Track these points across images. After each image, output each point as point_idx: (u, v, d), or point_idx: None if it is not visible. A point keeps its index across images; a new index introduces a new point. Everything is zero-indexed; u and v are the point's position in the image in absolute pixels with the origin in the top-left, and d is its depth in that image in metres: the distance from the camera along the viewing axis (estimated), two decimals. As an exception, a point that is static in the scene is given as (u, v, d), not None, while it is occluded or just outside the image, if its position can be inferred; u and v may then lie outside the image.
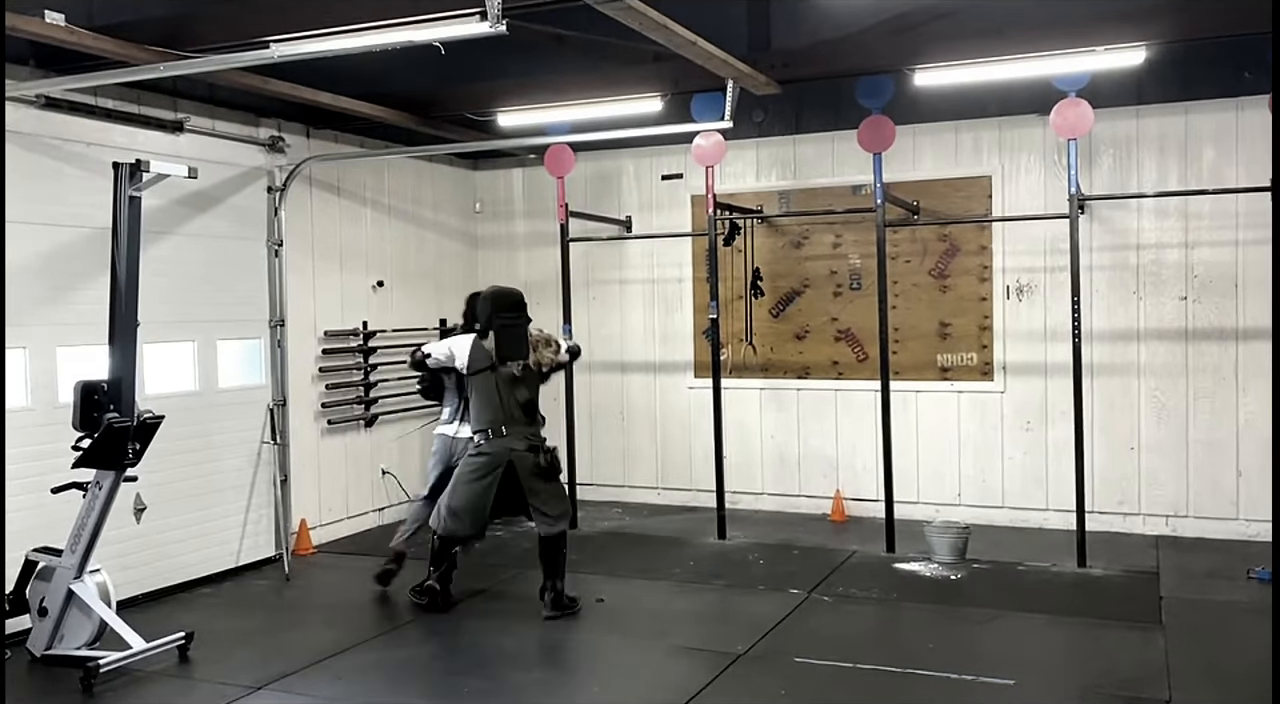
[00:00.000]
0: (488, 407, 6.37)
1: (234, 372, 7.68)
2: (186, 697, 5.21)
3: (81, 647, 5.62)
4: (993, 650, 5.68)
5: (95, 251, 6.13)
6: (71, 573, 5.61)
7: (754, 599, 6.68)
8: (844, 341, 9.02)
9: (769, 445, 9.29)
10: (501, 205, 10.31)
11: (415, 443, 9.43)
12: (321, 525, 8.37)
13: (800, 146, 9.06)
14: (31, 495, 5.91)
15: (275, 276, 7.94)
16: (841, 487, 8.98)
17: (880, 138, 7.53)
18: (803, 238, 9.13)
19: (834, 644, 5.75)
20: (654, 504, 9.58)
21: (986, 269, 8.53)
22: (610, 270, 9.79)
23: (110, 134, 6.70)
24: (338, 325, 8.62)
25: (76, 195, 6.40)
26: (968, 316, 8.62)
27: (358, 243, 8.89)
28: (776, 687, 5.22)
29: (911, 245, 8.73)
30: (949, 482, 8.68)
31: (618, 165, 9.72)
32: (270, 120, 7.98)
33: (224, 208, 7.56)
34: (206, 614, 6.55)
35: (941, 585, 6.91)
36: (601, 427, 9.78)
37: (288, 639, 6.23)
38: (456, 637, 6.13)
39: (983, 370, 8.58)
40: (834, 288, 9.04)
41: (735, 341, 9.27)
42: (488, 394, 6.37)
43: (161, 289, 6.81)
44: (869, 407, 8.58)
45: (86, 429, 5.49)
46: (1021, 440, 8.45)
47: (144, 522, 6.82)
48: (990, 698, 5.00)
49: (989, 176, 8.47)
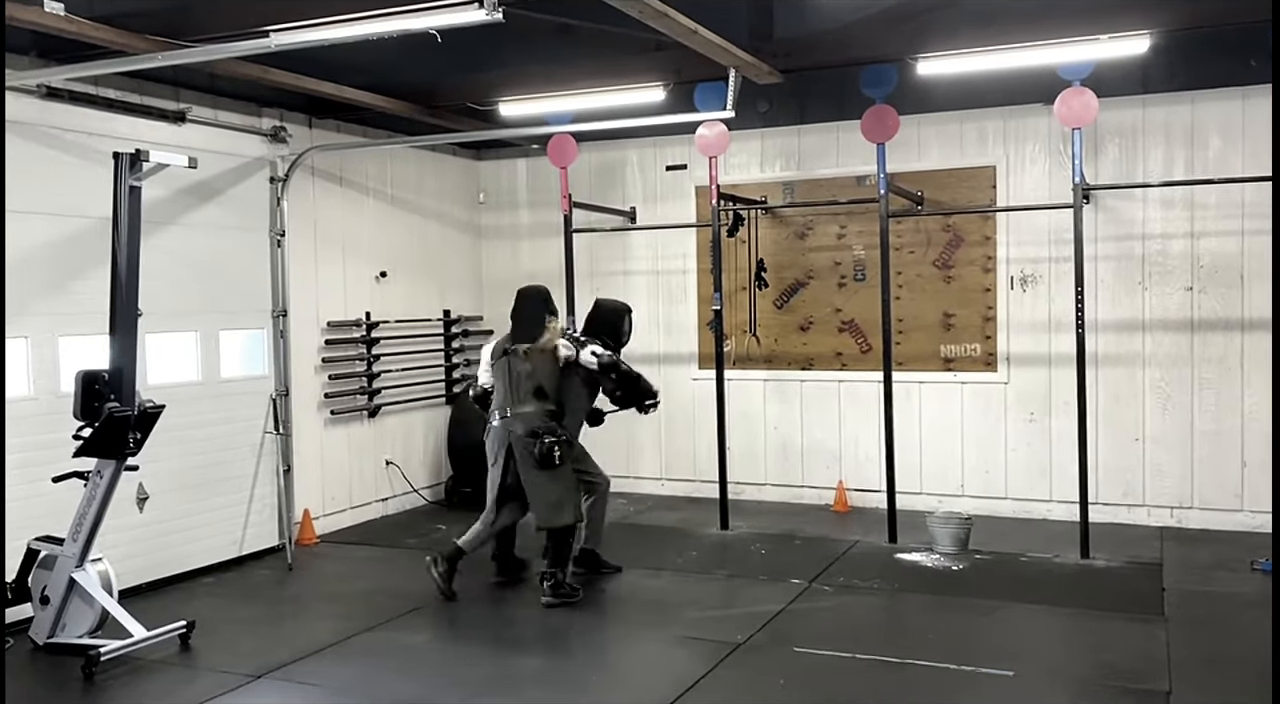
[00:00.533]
0: (499, 390, 6.65)
1: (237, 362, 7.70)
2: (188, 685, 5.23)
3: (83, 635, 5.65)
4: (993, 641, 5.67)
5: (97, 242, 6.14)
6: (73, 562, 5.64)
7: (755, 589, 6.67)
8: (848, 333, 9.00)
9: (773, 436, 9.28)
10: (505, 196, 10.30)
11: (418, 433, 9.45)
12: (325, 515, 8.39)
13: (805, 137, 9.03)
14: (33, 484, 5.92)
15: (278, 267, 7.95)
16: (844, 477, 8.97)
17: (884, 128, 7.50)
18: (807, 229, 9.10)
19: (834, 634, 5.75)
20: (658, 495, 9.58)
21: (990, 259, 8.50)
22: (614, 262, 9.78)
23: (113, 124, 6.70)
24: (341, 316, 8.63)
25: (78, 185, 6.41)
26: (971, 307, 8.59)
27: (361, 233, 8.89)
28: (775, 676, 5.22)
29: (915, 236, 8.70)
30: (952, 473, 8.66)
31: (621, 155, 9.70)
32: (273, 110, 7.98)
33: (226, 198, 7.57)
34: (208, 603, 6.57)
35: (943, 576, 6.89)
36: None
37: (290, 628, 6.26)
38: (458, 625, 6.14)
39: (986, 361, 8.55)
40: (838, 279, 9.01)
41: (739, 333, 9.26)
42: (501, 378, 6.64)
43: (164, 279, 6.82)
44: (872, 397, 8.55)
45: (87, 418, 5.51)
46: (1025, 431, 8.42)
47: (146, 511, 6.84)
48: (989, 689, 4.99)
49: (993, 167, 8.43)
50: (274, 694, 5.10)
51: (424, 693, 5.07)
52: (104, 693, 5.17)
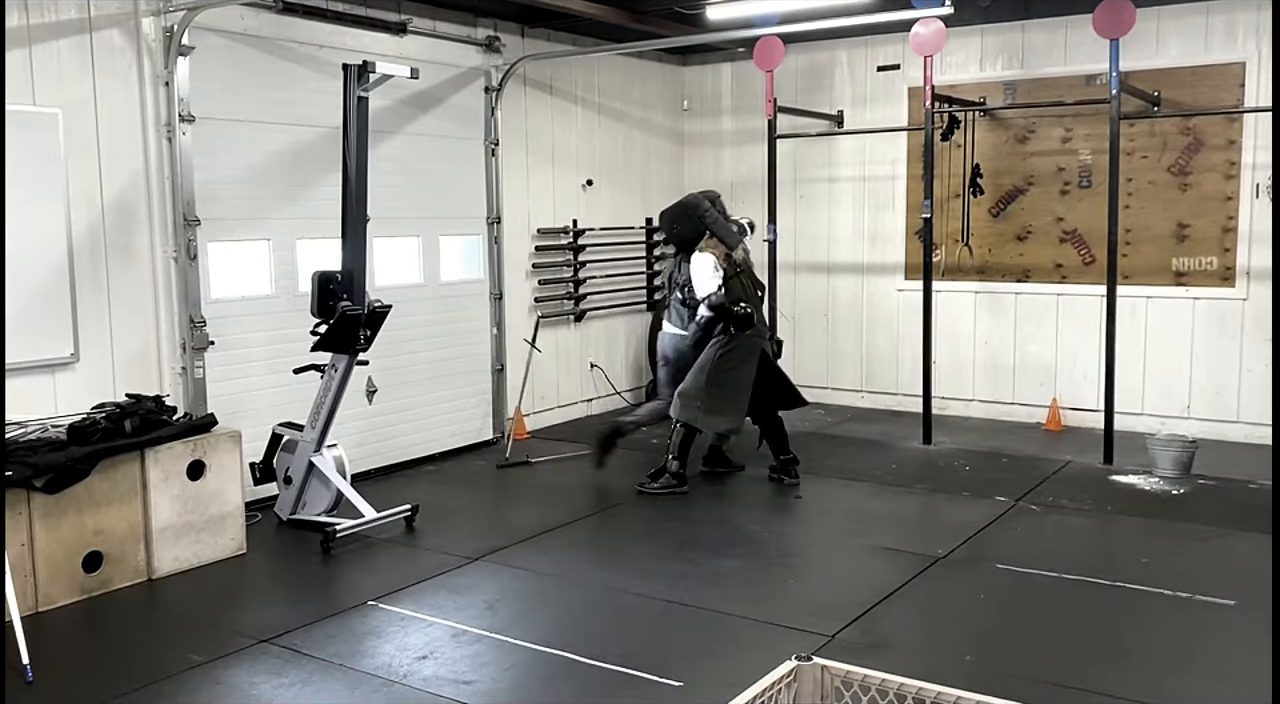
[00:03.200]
0: (742, 296, 6.83)
1: (457, 265, 8.08)
2: (413, 563, 5.66)
3: (321, 513, 6.19)
4: (1213, 569, 5.38)
5: (329, 150, 6.52)
6: (311, 447, 6.15)
7: (958, 505, 6.57)
8: (1069, 243, 8.53)
9: (982, 351, 8.98)
10: (709, 102, 10.21)
11: (620, 338, 9.68)
12: (534, 413, 8.78)
13: (1029, 33, 8.49)
14: (277, 375, 6.48)
15: (492, 175, 8.23)
16: (1059, 395, 8.60)
17: (1119, 22, 6.95)
18: (1028, 132, 8.62)
19: (1039, 553, 5.60)
20: (857, 407, 9.49)
21: (1234, 166, 7.82)
22: (819, 168, 9.58)
23: (340, 37, 7.05)
24: (550, 223, 8.87)
25: (311, 96, 6.80)
26: (1209, 217, 7.95)
27: (568, 141, 9.06)
28: (975, 590, 5.16)
29: (1149, 140, 8.09)
30: (1178, 393, 8.16)
31: (830, 57, 9.42)
32: (487, 20, 8.17)
33: (445, 107, 7.85)
34: (430, 489, 7.04)
35: (1162, 500, 6.57)
36: (806, 327, 9.72)
37: (502, 516, 6.66)
38: (660, 522, 6.34)
39: (1223, 276, 7.94)
40: (1061, 186, 8.52)
41: (950, 242, 8.93)
42: (740, 288, 6.84)
43: (389, 187, 7.19)
44: (1094, 312, 8.11)
45: (323, 316, 5.93)
46: (1263, 352, 7.80)
47: (375, 403, 7.36)
48: (1208, 617, 4.76)
49: (1242, 63, 7.69)
50: (489, 576, 5.45)
51: (627, 581, 5.30)
52: (339, 565, 5.68)
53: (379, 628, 4.77)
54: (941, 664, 4.27)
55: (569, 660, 4.38)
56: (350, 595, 5.19)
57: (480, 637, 4.64)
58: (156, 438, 5.38)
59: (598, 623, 4.84)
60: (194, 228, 6.22)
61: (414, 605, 5.02)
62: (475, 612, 4.95)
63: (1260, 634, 4.56)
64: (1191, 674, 4.21)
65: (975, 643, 4.55)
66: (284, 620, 4.85)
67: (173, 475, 5.45)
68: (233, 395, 6.42)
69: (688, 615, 4.91)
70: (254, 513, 6.27)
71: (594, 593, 5.23)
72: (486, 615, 4.91)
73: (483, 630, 4.71)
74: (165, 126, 6.12)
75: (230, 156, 6.45)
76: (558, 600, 5.19)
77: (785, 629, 4.68)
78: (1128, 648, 4.48)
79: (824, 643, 4.50)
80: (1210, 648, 4.45)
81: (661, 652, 4.49)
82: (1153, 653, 4.43)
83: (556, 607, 5.10)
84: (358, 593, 5.21)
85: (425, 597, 5.15)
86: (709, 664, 4.36)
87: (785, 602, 5.06)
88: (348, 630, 4.75)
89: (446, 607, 5.01)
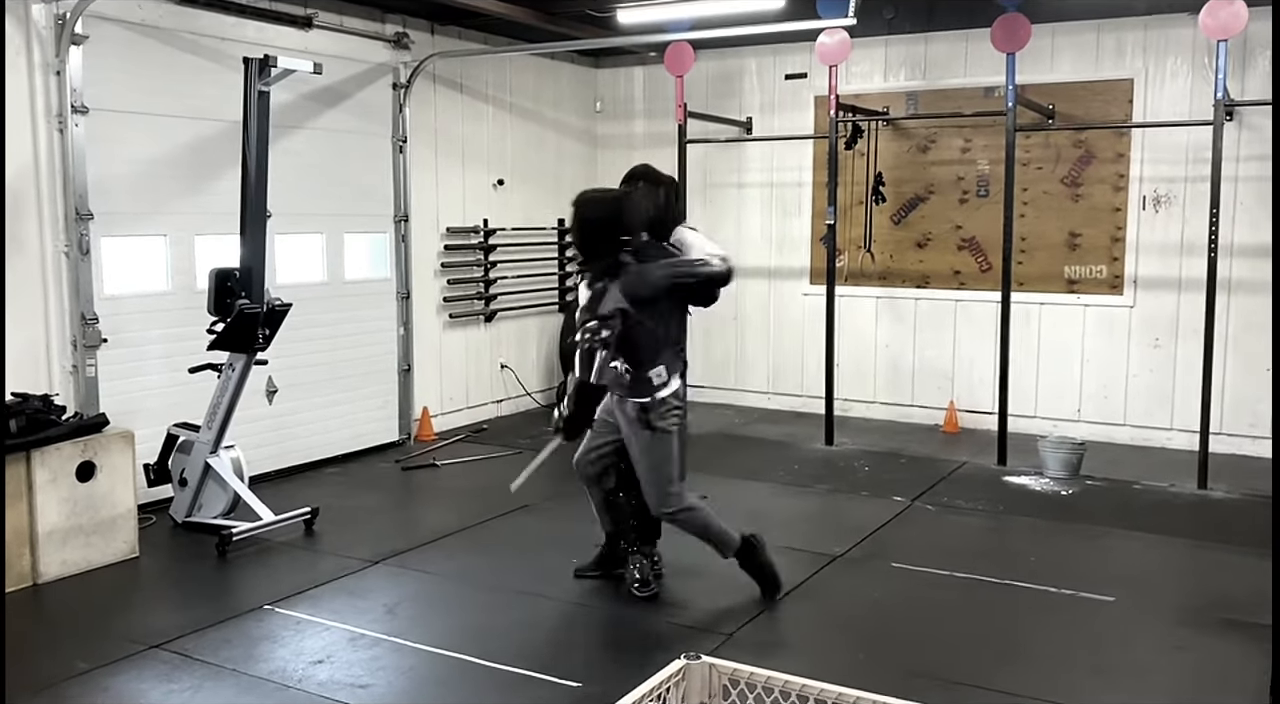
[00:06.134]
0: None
1: (362, 264, 7.97)
2: (311, 567, 5.58)
3: (217, 516, 6.06)
4: (1096, 567, 5.60)
5: (230, 145, 6.38)
6: (208, 448, 6.02)
7: (856, 505, 6.71)
8: (967, 250, 8.79)
9: (883, 354, 9.19)
10: (622, 105, 10.26)
11: (532, 339, 9.67)
12: (442, 414, 8.71)
13: (931, 45, 8.71)
14: (173, 374, 6.33)
15: (400, 173, 8.14)
16: (956, 398, 8.85)
17: (1015, 37, 7.18)
18: (929, 142, 8.85)
19: (933, 551, 5.76)
20: (764, 409, 9.63)
21: (1123, 178, 8.14)
22: (728, 173, 9.70)
23: (243, 29, 6.90)
24: (459, 222, 8.82)
25: (212, 89, 6.65)
26: (1099, 227, 8.27)
27: (479, 140, 9.01)
28: (871, 589, 5.29)
29: (1044, 151, 8.38)
30: (1069, 397, 8.46)
31: (740, 64, 9.54)
32: (396, 16, 8.09)
33: (351, 103, 7.75)
34: (331, 492, 6.94)
35: (1051, 500, 6.81)
36: (716, 330, 9.82)
37: (405, 518, 6.60)
38: (567, 525, 6.34)
39: (1112, 284, 8.26)
40: (960, 194, 8.77)
41: (853, 248, 9.12)
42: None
43: (292, 183, 7.06)
44: (990, 318, 8.37)
45: (220, 314, 5.82)
46: (1149, 357, 8.15)
47: (275, 403, 7.23)
48: (1088, 612, 4.95)
49: (1131, 80, 8.01)
50: (389, 579, 5.40)
51: (530, 584, 5.30)
52: (235, 569, 5.56)
53: (274, 632, 4.70)
54: (835, 662, 4.38)
55: (468, 663, 4.37)
56: (246, 599, 5.10)
57: (378, 640, 4.60)
58: (44, 438, 5.22)
59: (499, 626, 4.83)
60: (87, 222, 6.04)
61: (311, 609, 4.95)
62: (374, 615, 4.90)
63: (1136, 628, 4.77)
64: (1073, 668, 4.37)
65: (869, 641, 4.67)
66: (176, 625, 4.74)
67: (61, 477, 5.29)
68: (127, 395, 6.25)
69: (590, 617, 4.95)
70: (149, 515, 6.12)
71: (497, 596, 5.21)
72: (386, 619, 4.87)
73: (381, 634, 4.67)
74: (57, 117, 5.93)
75: (126, 149, 6.27)
76: (459, 603, 5.16)
77: (685, 629, 4.74)
78: (1015, 644, 4.65)
79: (721, 642, 4.57)
80: (1091, 642, 4.63)
81: (562, 653, 4.51)
82: (1038, 648, 4.59)
83: (458, 610, 5.08)
84: (253, 597, 5.11)
85: (323, 600, 5.08)
86: (608, 665, 4.40)
87: (686, 602, 5.12)
88: (242, 635, 4.66)
89: (345, 610, 4.95)
